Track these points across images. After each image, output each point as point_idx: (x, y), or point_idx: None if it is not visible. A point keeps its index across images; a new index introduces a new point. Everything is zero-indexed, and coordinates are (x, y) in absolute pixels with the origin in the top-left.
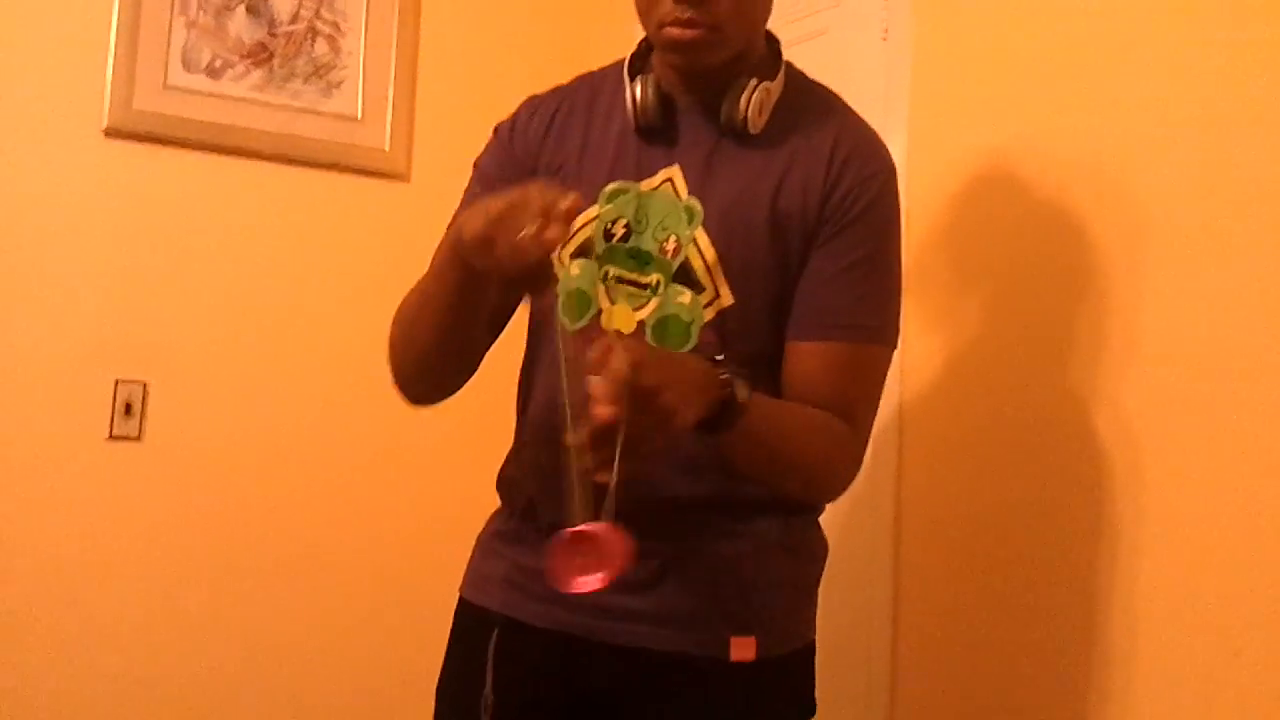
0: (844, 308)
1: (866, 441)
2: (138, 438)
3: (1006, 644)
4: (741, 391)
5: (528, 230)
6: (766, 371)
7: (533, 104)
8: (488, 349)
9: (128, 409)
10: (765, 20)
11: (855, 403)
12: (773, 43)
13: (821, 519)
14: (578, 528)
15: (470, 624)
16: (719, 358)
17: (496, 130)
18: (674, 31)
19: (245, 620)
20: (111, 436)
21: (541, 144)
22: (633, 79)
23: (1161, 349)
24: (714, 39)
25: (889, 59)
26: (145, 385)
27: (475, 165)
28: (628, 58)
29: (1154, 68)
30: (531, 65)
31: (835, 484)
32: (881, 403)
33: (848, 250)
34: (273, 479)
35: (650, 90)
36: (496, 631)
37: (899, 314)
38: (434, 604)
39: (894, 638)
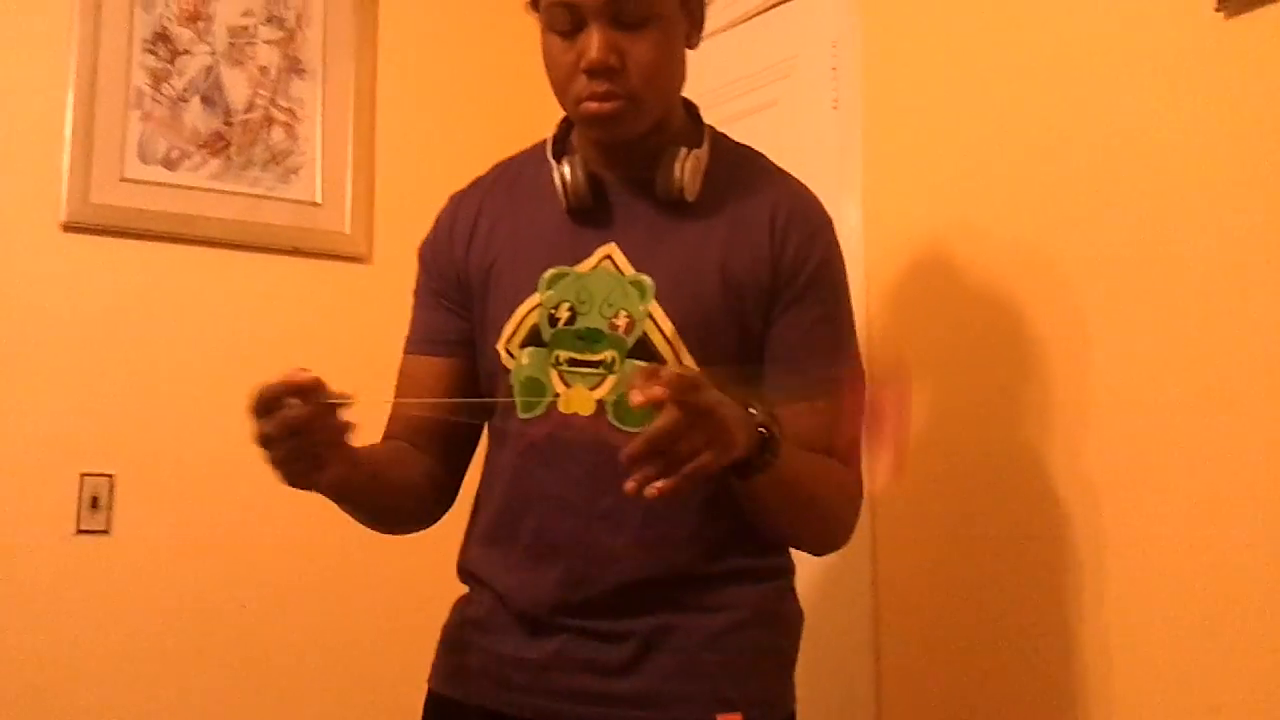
0: (820, 365)
1: (863, 479)
2: (106, 531)
3: (989, 707)
4: (777, 429)
5: (288, 415)
6: None
7: (454, 205)
8: (460, 477)
9: (94, 502)
10: (680, 85)
11: (847, 447)
12: (691, 109)
13: (799, 588)
14: None
15: (444, 718)
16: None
17: (420, 253)
18: (592, 106)
19: (216, 715)
20: (79, 531)
21: (468, 247)
22: (557, 160)
23: (1115, 405)
24: (631, 109)
25: (840, 129)
26: (112, 478)
27: (414, 294)
28: (549, 139)
29: (1096, 134)
30: (488, 142)
31: (846, 526)
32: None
33: (809, 310)
34: (244, 572)
35: (579, 171)
36: None
37: (859, 349)
38: (403, 697)
39: (877, 696)
